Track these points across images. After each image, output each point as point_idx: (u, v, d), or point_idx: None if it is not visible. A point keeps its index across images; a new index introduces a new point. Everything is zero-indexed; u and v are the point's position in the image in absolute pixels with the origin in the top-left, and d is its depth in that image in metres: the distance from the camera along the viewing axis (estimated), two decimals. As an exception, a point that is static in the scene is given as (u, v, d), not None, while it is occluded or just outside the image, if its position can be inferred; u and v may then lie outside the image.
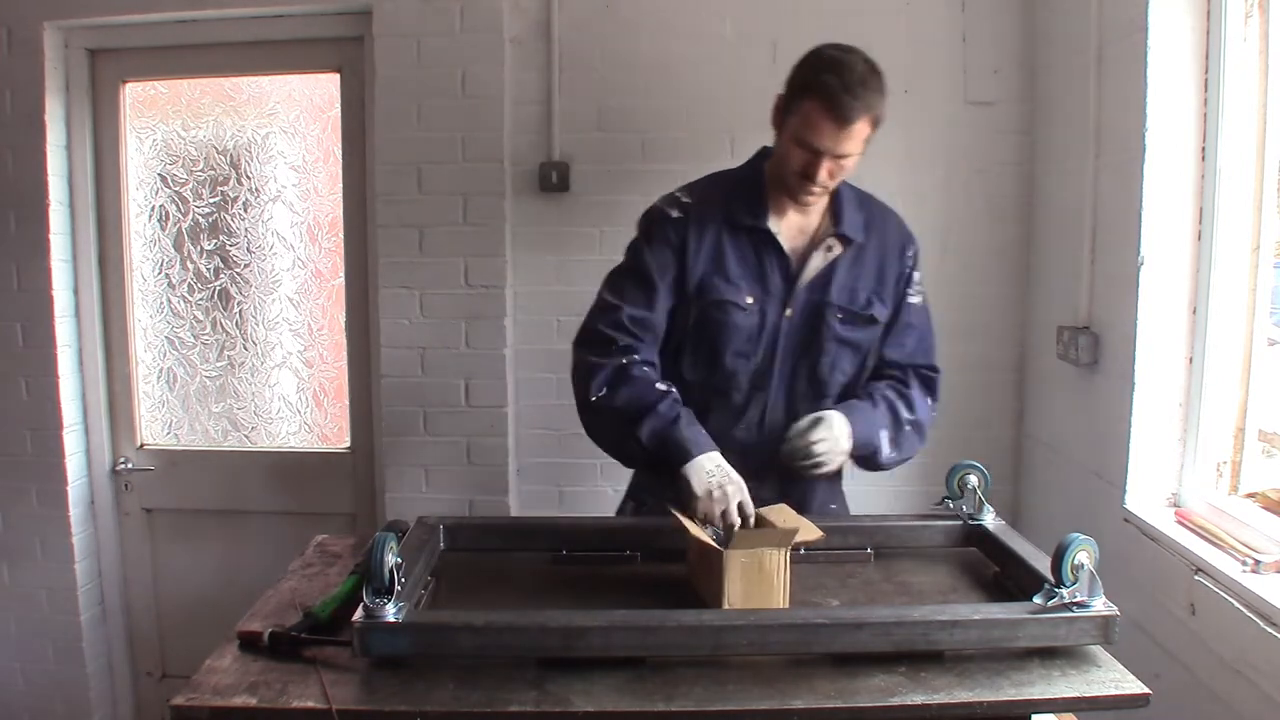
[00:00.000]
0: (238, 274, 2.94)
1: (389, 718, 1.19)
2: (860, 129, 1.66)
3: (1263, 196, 1.98)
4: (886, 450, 1.79)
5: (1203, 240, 2.05)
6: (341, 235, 2.88)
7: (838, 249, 1.79)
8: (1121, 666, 1.28)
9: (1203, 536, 1.94)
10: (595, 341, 1.75)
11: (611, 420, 1.71)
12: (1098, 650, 1.31)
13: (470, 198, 2.72)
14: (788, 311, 1.78)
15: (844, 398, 1.83)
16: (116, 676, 3.06)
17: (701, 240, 1.78)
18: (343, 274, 2.90)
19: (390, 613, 1.25)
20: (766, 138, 2.76)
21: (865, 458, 1.78)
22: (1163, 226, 2.08)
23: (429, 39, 2.67)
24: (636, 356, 1.73)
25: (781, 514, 1.53)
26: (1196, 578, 1.87)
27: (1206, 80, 2.03)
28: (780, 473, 1.73)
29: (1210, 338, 2.04)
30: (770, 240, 1.78)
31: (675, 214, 1.81)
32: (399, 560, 1.30)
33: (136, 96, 2.90)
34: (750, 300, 1.77)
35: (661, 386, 1.71)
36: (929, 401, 1.90)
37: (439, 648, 1.27)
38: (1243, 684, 1.71)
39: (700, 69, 2.72)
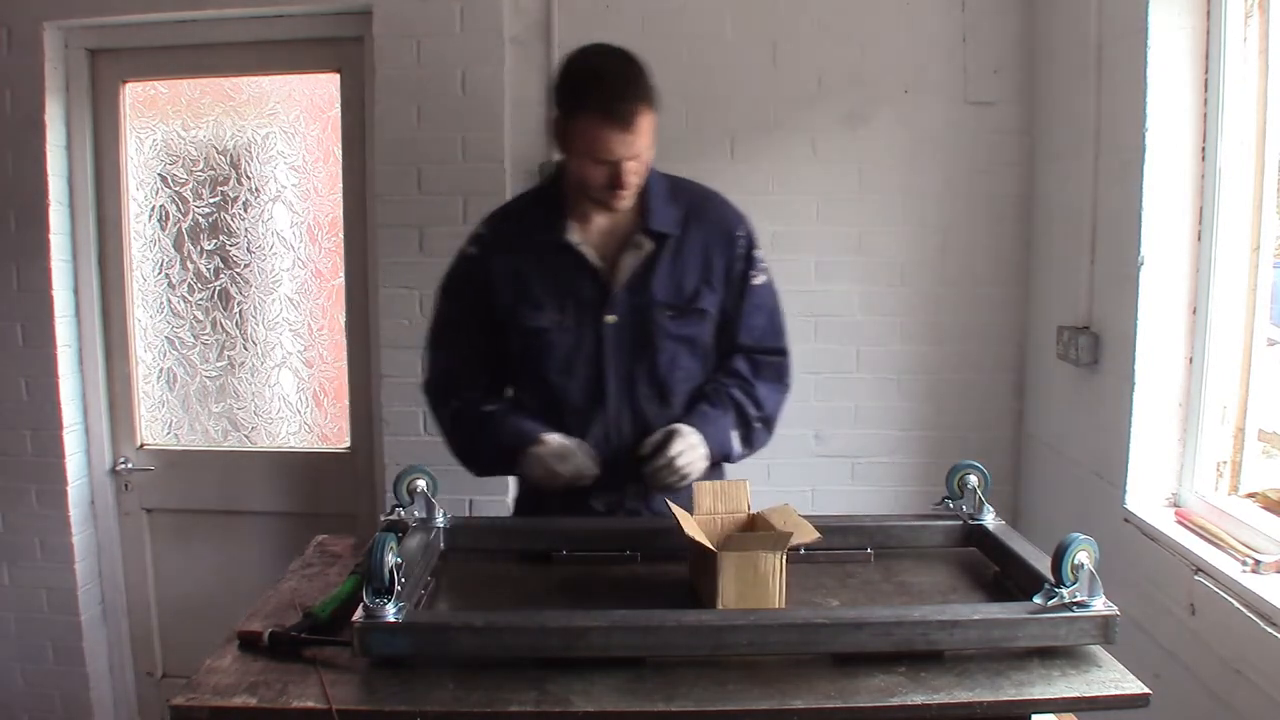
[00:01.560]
0: (238, 274, 2.94)
1: (389, 718, 1.19)
2: (644, 124, 1.62)
3: (1263, 196, 1.98)
4: (738, 449, 1.80)
5: (1203, 240, 2.05)
6: (341, 235, 2.88)
7: (649, 246, 1.74)
8: (1121, 666, 1.28)
9: (1203, 536, 1.94)
10: (427, 397, 1.90)
11: (470, 455, 1.86)
12: (1098, 650, 1.31)
13: (470, 198, 2.72)
14: (610, 318, 1.74)
15: (690, 395, 1.80)
16: (116, 676, 3.06)
17: (502, 270, 1.77)
18: (343, 274, 2.90)
19: (390, 613, 1.25)
20: (767, 137, 2.78)
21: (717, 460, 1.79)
22: (1163, 226, 2.08)
23: (429, 39, 2.67)
24: (454, 402, 1.84)
25: (782, 515, 1.53)
26: (1196, 578, 1.87)
27: (1206, 80, 2.03)
28: (646, 479, 1.71)
29: (1210, 338, 2.04)
30: (572, 252, 1.75)
31: (472, 250, 1.82)
32: (399, 560, 1.29)
33: (136, 96, 2.90)
34: (559, 317, 1.75)
35: (488, 408, 1.79)
36: (780, 390, 1.87)
37: (439, 648, 1.27)
38: (1243, 684, 1.71)
39: (700, 69, 2.72)
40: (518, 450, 1.72)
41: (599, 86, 1.61)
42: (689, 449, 1.68)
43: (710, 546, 1.40)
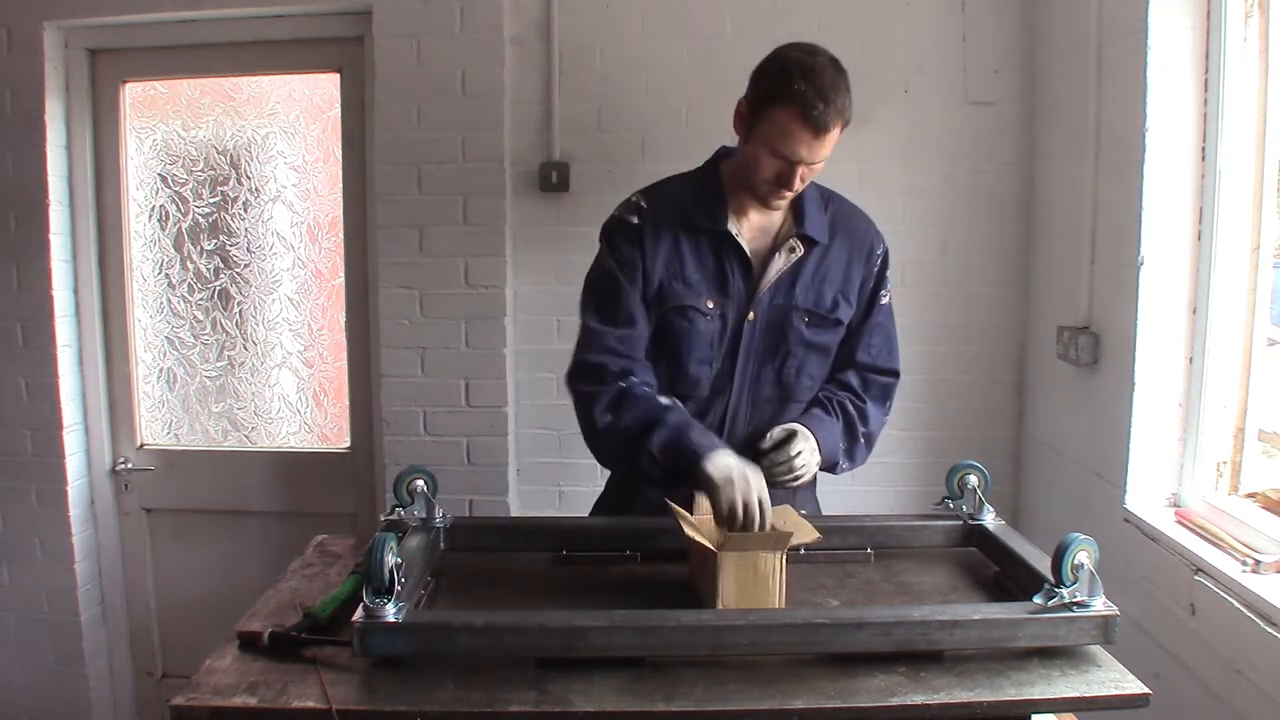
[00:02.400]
0: (238, 274, 2.94)
1: (389, 718, 1.19)
2: (834, 135, 1.62)
3: (1263, 196, 1.98)
4: (842, 463, 1.79)
5: (1203, 240, 2.05)
6: (341, 235, 2.88)
7: (800, 250, 1.75)
8: (1121, 666, 1.28)
9: (1203, 536, 1.94)
10: (589, 373, 1.71)
11: (621, 443, 1.66)
12: (1098, 650, 1.31)
13: (470, 198, 2.72)
14: (750, 315, 1.75)
15: (809, 401, 1.80)
16: (116, 676, 3.06)
17: (659, 245, 1.75)
18: (343, 274, 2.90)
19: (390, 613, 1.25)
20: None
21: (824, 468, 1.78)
22: (1163, 226, 2.08)
23: (429, 39, 2.67)
24: (633, 378, 1.69)
25: (783, 515, 1.53)
26: (1196, 578, 1.87)
27: (1206, 80, 2.03)
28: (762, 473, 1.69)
29: (1210, 338, 2.04)
30: (731, 243, 1.74)
31: (634, 220, 1.78)
32: (399, 560, 1.29)
33: (136, 96, 2.90)
34: (711, 305, 1.74)
35: (665, 401, 1.67)
36: (883, 410, 1.87)
37: (439, 648, 1.27)
38: (1243, 684, 1.71)
39: (700, 69, 2.72)
40: (697, 455, 1.56)
41: (807, 83, 1.59)
42: (808, 450, 1.67)
43: (710, 546, 1.40)
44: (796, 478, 1.67)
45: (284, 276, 2.94)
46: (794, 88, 1.59)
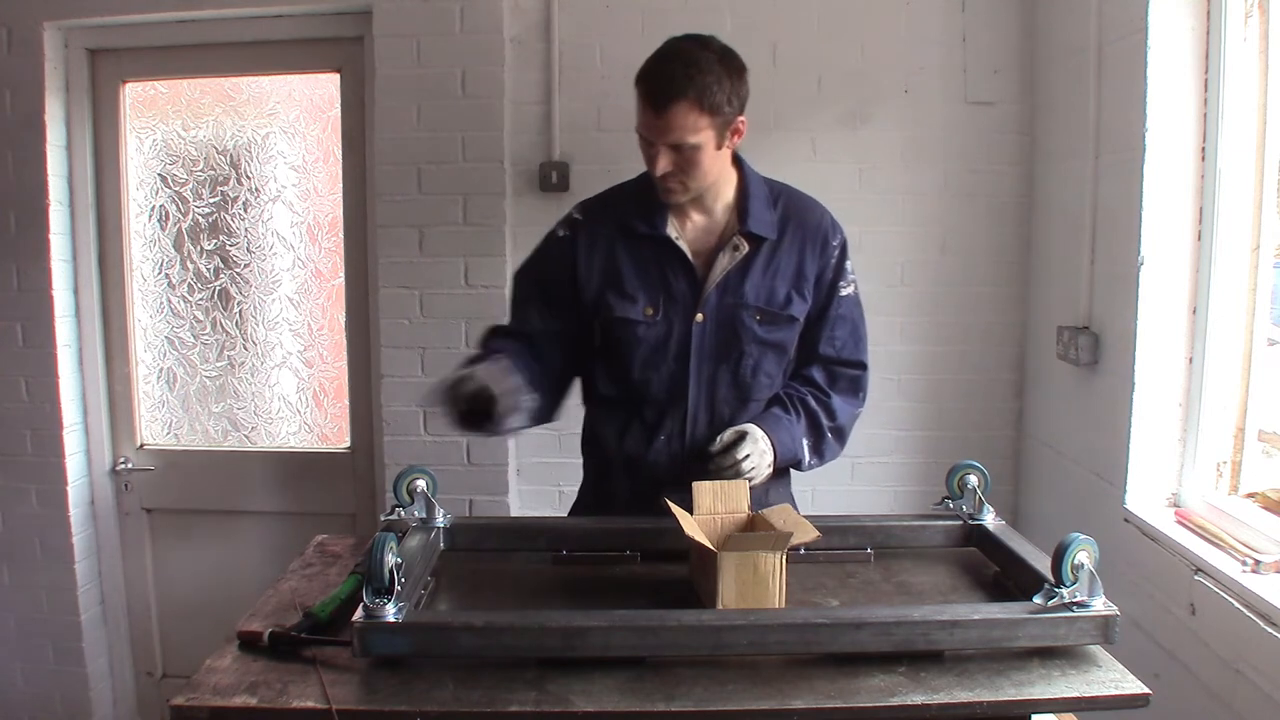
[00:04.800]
0: (238, 274, 2.94)
1: (389, 718, 1.19)
2: (682, 117, 1.60)
3: (1263, 196, 1.98)
4: (808, 458, 1.78)
5: (1203, 240, 2.05)
6: (341, 235, 2.89)
7: (745, 248, 1.73)
8: (1121, 666, 1.28)
9: (1203, 536, 1.94)
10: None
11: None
12: (1098, 650, 1.31)
13: (470, 198, 2.72)
14: (698, 317, 1.73)
15: (768, 399, 1.79)
16: (116, 676, 3.06)
17: (592, 256, 1.75)
18: (343, 274, 2.90)
19: (390, 613, 1.25)
20: (767, 137, 2.78)
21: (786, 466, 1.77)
22: (1163, 226, 2.08)
23: (429, 39, 2.67)
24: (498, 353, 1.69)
25: (782, 514, 1.53)
26: (1196, 578, 1.87)
27: (1206, 80, 2.03)
28: (710, 476, 1.66)
29: (1210, 338, 2.04)
30: (670, 246, 1.74)
31: (562, 233, 1.80)
32: (399, 560, 1.29)
33: (136, 96, 2.90)
34: (651, 311, 1.73)
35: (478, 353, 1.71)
36: (854, 403, 1.85)
37: (439, 648, 1.27)
38: (1243, 684, 1.71)
39: (700, 69, 2.72)
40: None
41: (657, 62, 1.64)
42: (756, 453, 1.67)
43: (710, 546, 1.40)
44: (744, 476, 1.65)
45: (284, 276, 2.94)
46: (646, 67, 1.64)
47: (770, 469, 1.71)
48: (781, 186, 1.83)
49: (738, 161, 1.78)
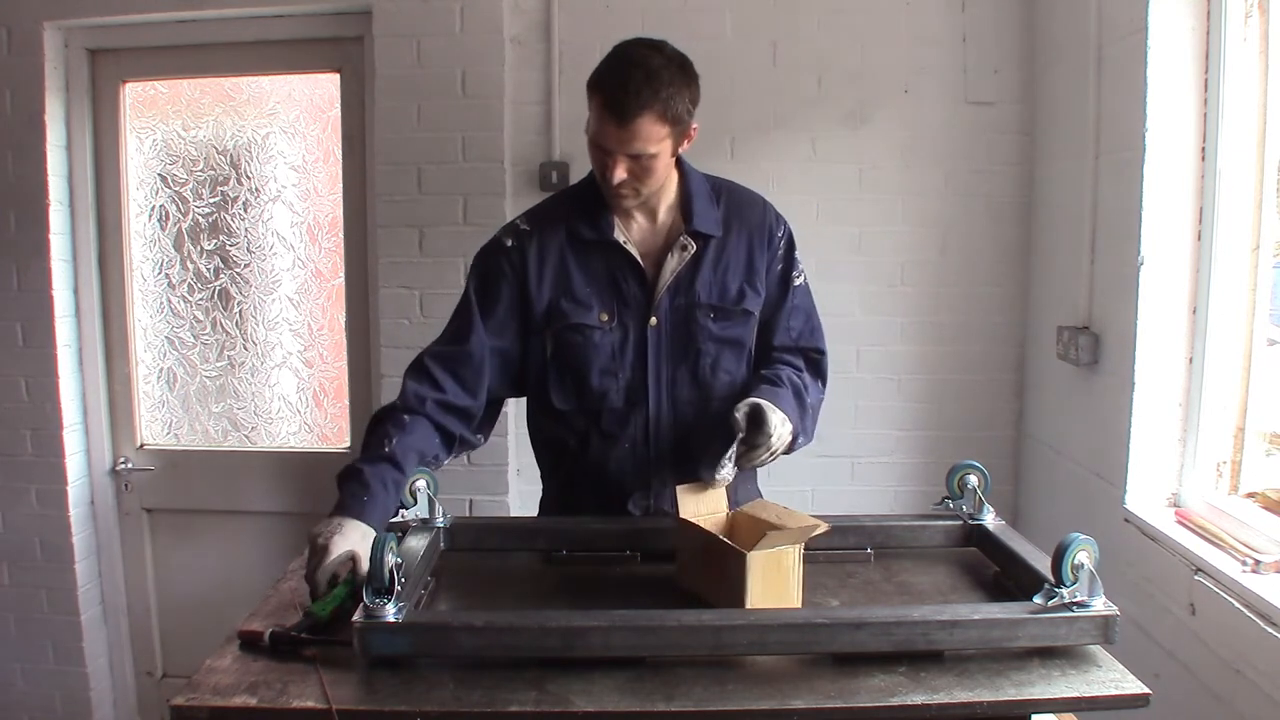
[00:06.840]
0: (238, 274, 2.94)
1: (389, 718, 1.19)
2: (646, 128, 1.59)
3: (1263, 196, 1.98)
4: (800, 438, 1.72)
5: (1203, 240, 2.06)
6: (341, 235, 2.89)
7: (693, 247, 1.72)
8: (1121, 666, 1.28)
9: (1203, 536, 1.94)
10: (404, 376, 1.75)
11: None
12: (1098, 650, 1.31)
13: (470, 198, 2.72)
14: (653, 320, 1.72)
15: (731, 398, 1.72)
16: (116, 676, 3.06)
17: (543, 265, 1.72)
18: (343, 274, 2.90)
19: (390, 613, 1.25)
20: (767, 137, 2.78)
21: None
22: (1163, 226, 2.08)
23: (429, 39, 2.68)
24: (401, 400, 1.71)
25: (767, 509, 1.51)
26: (1196, 578, 1.87)
27: (1206, 80, 2.03)
28: (678, 481, 1.62)
29: (1210, 338, 2.04)
30: (619, 250, 1.71)
31: (510, 243, 1.75)
32: (399, 560, 1.29)
33: (136, 96, 2.90)
34: (605, 317, 1.71)
35: (393, 441, 1.65)
36: (820, 386, 1.83)
37: (439, 648, 1.27)
38: (1243, 684, 1.71)
39: (700, 69, 2.71)
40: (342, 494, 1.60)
41: (616, 73, 1.61)
42: (779, 420, 1.60)
43: (739, 549, 1.39)
44: (773, 454, 1.61)
45: (284, 276, 2.94)
46: (604, 76, 1.62)
47: (789, 438, 1.65)
48: (722, 182, 1.83)
49: (678, 160, 1.77)
